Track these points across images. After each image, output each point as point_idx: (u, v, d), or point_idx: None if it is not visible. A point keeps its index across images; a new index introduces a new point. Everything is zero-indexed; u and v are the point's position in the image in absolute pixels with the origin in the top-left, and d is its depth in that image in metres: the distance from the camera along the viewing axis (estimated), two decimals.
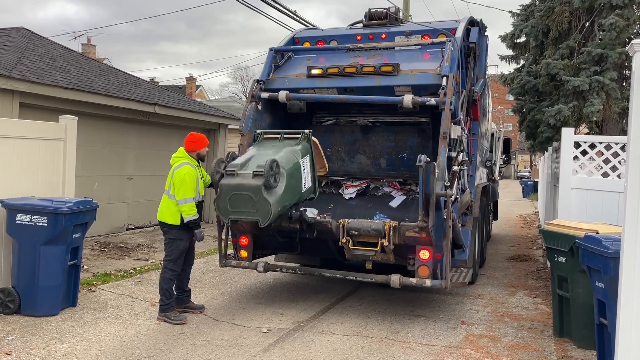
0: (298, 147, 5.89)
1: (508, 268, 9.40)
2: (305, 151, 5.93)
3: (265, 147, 5.94)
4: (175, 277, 5.84)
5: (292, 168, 5.62)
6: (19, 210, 5.66)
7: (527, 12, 16.97)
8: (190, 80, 41.74)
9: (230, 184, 5.38)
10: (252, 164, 5.53)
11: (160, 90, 14.03)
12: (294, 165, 5.68)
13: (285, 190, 5.44)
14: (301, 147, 5.92)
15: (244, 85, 58.72)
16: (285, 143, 5.97)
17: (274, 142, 6.04)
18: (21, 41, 11.01)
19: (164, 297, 5.76)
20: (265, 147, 5.95)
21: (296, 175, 5.69)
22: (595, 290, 4.56)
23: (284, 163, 5.52)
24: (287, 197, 5.52)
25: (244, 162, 5.57)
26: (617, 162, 7.04)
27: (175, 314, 5.77)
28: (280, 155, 5.62)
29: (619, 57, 13.88)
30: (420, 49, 6.86)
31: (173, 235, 5.79)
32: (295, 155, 5.79)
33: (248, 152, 5.94)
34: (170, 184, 5.80)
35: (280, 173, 5.41)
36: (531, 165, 62.22)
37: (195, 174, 5.83)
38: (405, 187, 7.32)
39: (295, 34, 7.97)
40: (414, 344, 5.31)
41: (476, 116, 7.55)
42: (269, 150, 5.80)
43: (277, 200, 5.34)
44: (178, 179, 5.71)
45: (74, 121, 6.92)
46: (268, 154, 5.62)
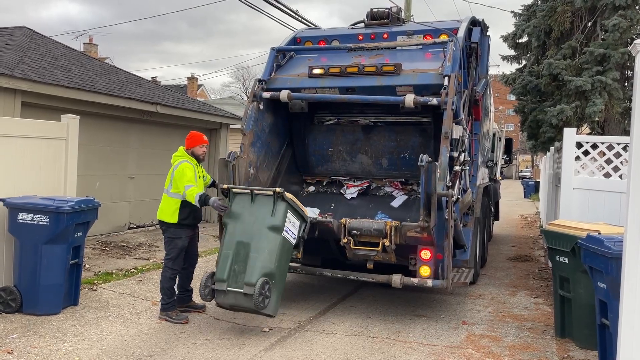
0: (278, 215, 5.37)
1: (509, 268, 9.39)
2: (284, 213, 5.40)
3: (242, 222, 5.43)
4: (176, 276, 5.84)
5: (281, 250, 5.36)
6: (20, 209, 5.66)
7: (529, 12, 16.98)
8: (191, 79, 41.73)
9: (226, 303, 5.31)
10: (238, 271, 5.21)
11: (162, 90, 14.04)
12: (281, 246, 5.35)
13: (281, 274, 5.40)
14: (281, 211, 5.39)
15: (245, 84, 58.79)
16: (260, 206, 5.43)
17: (246, 203, 5.50)
18: (23, 40, 11.01)
19: (165, 296, 5.77)
20: (241, 222, 5.44)
21: (286, 254, 5.46)
22: (597, 291, 4.56)
23: (274, 257, 5.26)
24: (284, 272, 5.50)
25: (229, 271, 5.24)
26: (619, 163, 7.03)
27: (177, 313, 5.77)
28: (266, 247, 5.25)
29: (622, 58, 13.88)
30: (422, 48, 6.86)
31: (171, 234, 5.80)
32: (276, 230, 5.33)
33: (226, 239, 5.44)
34: (169, 183, 5.81)
35: (274, 285, 5.23)
36: (532, 165, 62.15)
37: (193, 169, 5.82)
38: (407, 187, 7.33)
39: (297, 34, 7.96)
40: (415, 343, 5.31)
41: (478, 116, 7.55)
42: (248, 230, 5.35)
43: (279, 291, 5.37)
44: (178, 174, 5.72)
45: (76, 120, 6.93)
46: (248, 241, 5.28)
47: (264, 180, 6.91)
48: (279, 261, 5.33)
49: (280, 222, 5.36)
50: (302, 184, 7.78)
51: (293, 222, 5.51)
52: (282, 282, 5.47)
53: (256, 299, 5.04)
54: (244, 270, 5.21)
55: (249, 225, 5.39)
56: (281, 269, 5.40)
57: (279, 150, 7.35)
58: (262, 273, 5.17)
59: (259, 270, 5.18)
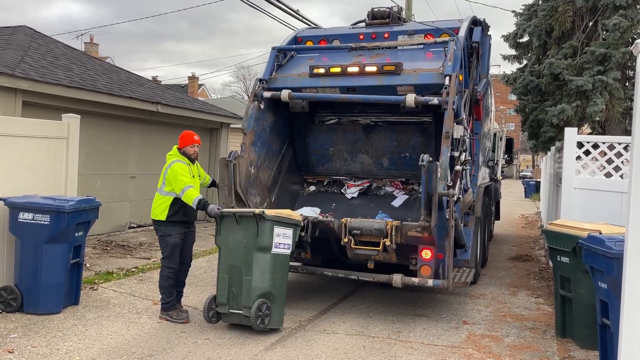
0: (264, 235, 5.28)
1: (510, 268, 9.39)
2: (269, 231, 5.29)
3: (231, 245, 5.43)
4: (173, 274, 5.79)
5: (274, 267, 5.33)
6: (21, 208, 5.67)
7: (530, 12, 16.96)
8: (192, 79, 41.73)
9: (233, 322, 5.44)
10: (237, 293, 5.27)
11: (162, 89, 14.05)
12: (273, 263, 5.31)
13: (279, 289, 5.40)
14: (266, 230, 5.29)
15: (246, 84, 58.82)
16: (245, 227, 5.35)
17: (233, 225, 5.43)
18: (24, 40, 11.02)
19: (164, 295, 5.77)
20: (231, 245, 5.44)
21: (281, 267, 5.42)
22: (598, 291, 4.55)
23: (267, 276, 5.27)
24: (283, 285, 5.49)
25: (228, 294, 5.34)
26: (620, 162, 7.02)
27: (177, 312, 5.77)
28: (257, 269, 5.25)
29: (623, 57, 13.87)
30: (423, 48, 6.85)
31: (162, 232, 5.80)
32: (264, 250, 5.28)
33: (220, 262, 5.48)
34: (162, 181, 5.82)
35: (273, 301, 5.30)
36: (533, 165, 62.13)
37: (187, 168, 5.79)
38: (408, 186, 7.32)
39: (298, 33, 7.96)
40: (415, 343, 5.31)
41: (479, 116, 7.54)
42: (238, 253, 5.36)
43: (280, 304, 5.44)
44: (171, 174, 5.71)
45: (77, 120, 6.93)
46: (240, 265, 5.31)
47: (265, 179, 6.92)
48: (273, 279, 5.33)
49: (268, 242, 5.29)
50: (303, 184, 7.78)
51: (283, 234, 5.43)
52: (282, 294, 5.47)
53: (253, 322, 5.15)
54: (241, 293, 5.30)
55: (238, 248, 5.37)
56: (278, 284, 5.41)
57: (280, 150, 7.35)
58: (257, 295, 5.23)
59: (254, 292, 5.23)
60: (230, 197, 6.15)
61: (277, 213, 5.47)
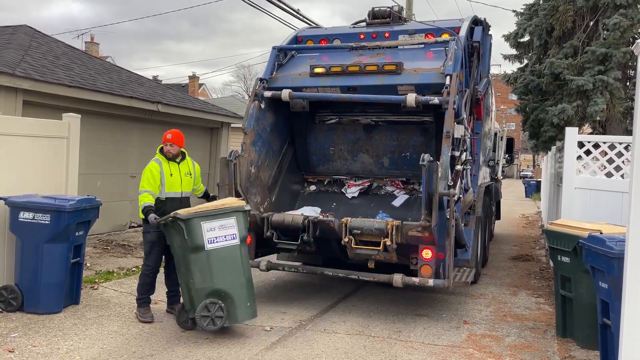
0: (191, 235, 5.15)
1: (511, 268, 9.38)
2: (194, 229, 5.13)
3: (175, 250, 5.39)
4: (151, 272, 5.72)
5: (214, 263, 5.13)
6: (22, 207, 5.66)
7: (531, 11, 16.95)
8: (193, 78, 41.72)
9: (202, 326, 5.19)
10: (195, 297, 5.17)
11: (163, 89, 14.05)
12: (209, 260, 5.12)
13: (230, 285, 5.15)
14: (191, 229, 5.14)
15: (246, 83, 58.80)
16: (176, 231, 5.23)
17: (171, 231, 5.31)
18: (24, 39, 11.02)
19: (138, 292, 5.78)
20: (175, 250, 5.39)
21: (224, 262, 5.19)
22: (598, 291, 4.55)
23: (207, 276, 5.12)
24: (237, 277, 5.23)
25: (189, 299, 5.27)
26: (621, 162, 7.02)
27: (145, 311, 5.72)
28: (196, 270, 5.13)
29: (623, 57, 13.86)
30: (424, 47, 6.85)
31: (143, 229, 5.81)
32: (197, 250, 5.14)
33: (177, 273, 5.47)
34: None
35: (226, 298, 5.09)
36: (534, 164, 62.12)
37: (159, 169, 5.74)
38: (408, 186, 7.32)
39: (298, 33, 7.96)
40: (416, 343, 5.31)
41: (479, 115, 7.53)
42: (179, 259, 5.32)
43: (242, 297, 5.20)
44: (142, 173, 5.79)
45: (77, 119, 6.93)
46: (183, 269, 5.26)
47: (265, 179, 6.92)
48: (218, 276, 5.14)
49: (198, 240, 5.10)
50: (303, 183, 7.78)
51: (219, 226, 5.17)
52: (240, 287, 5.20)
53: (200, 324, 5.02)
54: (192, 296, 5.21)
55: (178, 252, 5.30)
56: (228, 279, 5.16)
57: (280, 150, 7.35)
58: (204, 295, 5.09)
59: (200, 294, 5.11)
60: (231, 197, 6.14)
61: (198, 209, 5.25)
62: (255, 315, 5.39)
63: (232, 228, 5.25)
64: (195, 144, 13.29)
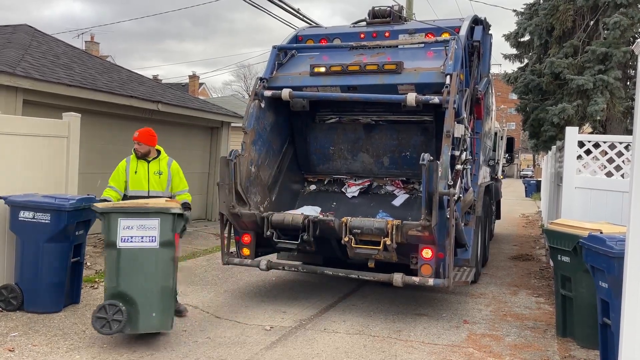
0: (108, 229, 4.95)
1: (511, 267, 9.38)
2: (110, 224, 4.92)
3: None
4: None
5: (125, 262, 4.87)
6: (22, 207, 5.66)
7: (531, 11, 16.94)
8: (193, 78, 41.74)
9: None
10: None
11: (163, 88, 14.04)
12: (119, 259, 4.87)
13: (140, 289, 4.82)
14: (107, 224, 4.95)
15: (246, 83, 58.78)
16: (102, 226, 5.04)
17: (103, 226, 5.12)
18: (25, 38, 11.01)
19: None
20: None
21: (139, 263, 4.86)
22: (598, 290, 4.55)
23: (114, 275, 4.87)
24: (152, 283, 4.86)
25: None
26: (621, 162, 7.02)
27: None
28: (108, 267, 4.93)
29: (624, 56, 13.86)
30: (424, 47, 6.85)
31: None
32: (111, 246, 4.92)
33: None
34: None
35: (130, 302, 4.78)
36: (534, 164, 62.11)
37: (124, 166, 5.83)
38: (408, 185, 7.32)
39: (299, 32, 7.95)
40: (416, 342, 5.31)
41: (480, 115, 7.53)
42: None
43: (155, 306, 4.88)
44: None
45: (77, 118, 6.93)
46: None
47: (265, 178, 6.91)
48: (125, 278, 4.83)
49: (112, 236, 4.86)
50: (304, 183, 7.78)
51: (138, 226, 4.85)
52: (150, 295, 4.83)
53: (94, 325, 4.73)
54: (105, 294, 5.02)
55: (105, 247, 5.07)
56: (135, 284, 4.82)
57: (281, 149, 7.35)
58: (107, 295, 4.88)
59: (106, 293, 4.92)
60: (231, 196, 6.15)
61: (127, 204, 5.08)
62: (162, 328, 4.95)
63: (152, 230, 4.87)
64: (196, 143, 13.29)
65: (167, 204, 5.06)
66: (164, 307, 4.91)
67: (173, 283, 5.07)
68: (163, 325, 4.93)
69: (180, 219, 5.04)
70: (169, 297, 5.00)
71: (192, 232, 11.42)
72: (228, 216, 6.27)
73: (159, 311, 4.86)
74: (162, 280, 4.91)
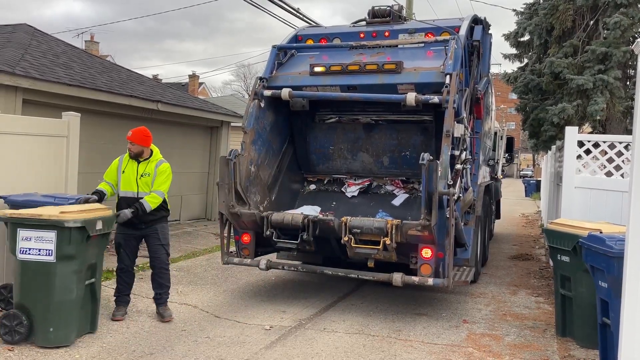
0: (9, 239, 4.76)
1: (510, 267, 9.39)
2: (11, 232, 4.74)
3: None
4: (120, 271, 5.73)
5: (24, 274, 4.73)
6: (21, 206, 5.63)
7: (531, 11, 16.92)
8: (193, 77, 41.73)
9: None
10: None
11: (163, 88, 14.03)
12: (22, 269, 4.72)
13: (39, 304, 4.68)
14: (9, 234, 4.79)
15: (246, 82, 58.74)
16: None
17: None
18: (24, 38, 11.00)
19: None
20: None
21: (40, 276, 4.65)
22: (598, 290, 4.55)
23: (18, 285, 4.72)
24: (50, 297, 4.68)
25: None
26: (621, 162, 7.02)
27: (117, 309, 5.74)
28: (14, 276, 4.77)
29: (624, 56, 13.84)
30: (424, 47, 6.85)
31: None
32: (13, 253, 4.74)
33: None
34: None
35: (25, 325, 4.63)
36: (534, 164, 62.12)
37: (117, 163, 5.80)
38: (408, 185, 7.32)
39: (298, 32, 7.95)
40: (416, 342, 5.31)
41: (479, 115, 7.53)
42: None
43: (46, 317, 4.70)
44: None
45: (77, 118, 6.93)
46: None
47: (265, 178, 6.91)
48: (24, 290, 4.70)
49: (12, 247, 4.72)
50: (303, 182, 7.78)
51: (36, 237, 4.62)
52: (46, 310, 4.66)
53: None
54: None
55: None
56: (33, 297, 4.66)
57: (280, 149, 7.34)
58: (15, 304, 4.78)
59: (14, 301, 4.80)
60: (231, 196, 6.15)
61: (23, 214, 4.75)
62: (61, 343, 4.74)
63: (49, 243, 4.63)
64: (195, 142, 13.29)
65: (63, 216, 4.70)
66: (64, 322, 4.75)
67: (78, 295, 4.85)
68: (61, 340, 4.75)
69: (83, 232, 4.75)
70: (70, 312, 4.79)
71: (192, 231, 11.42)
72: (228, 216, 6.27)
73: (56, 326, 4.72)
74: (60, 295, 4.73)
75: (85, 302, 4.99)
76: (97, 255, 5.14)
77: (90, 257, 4.99)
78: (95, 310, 5.18)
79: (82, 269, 4.89)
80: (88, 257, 4.95)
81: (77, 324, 4.91)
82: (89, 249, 4.94)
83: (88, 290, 5.03)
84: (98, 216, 4.99)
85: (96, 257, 5.13)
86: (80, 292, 4.88)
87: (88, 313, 5.08)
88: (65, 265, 4.73)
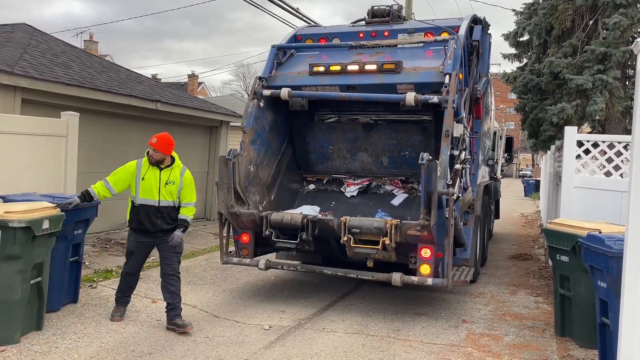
0: None
1: (510, 267, 9.39)
2: None
3: None
4: (126, 275, 5.63)
5: None
6: None
7: (531, 11, 16.93)
8: (192, 77, 41.72)
9: None
10: None
11: (162, 87, 14.03)
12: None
13: None
14: None
15: (246, 82, 58.74)
16: None
17: None
18: (23, 37, 11.00)
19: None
20: None
21: None
22: (597, 290, 4.55)
23: None
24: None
25: None
26: (620, 161, 7.03)
27: (116, 309, 5.70)
28: None
29: (623, 56, 13.85)
30: (423, 46, 6.85)
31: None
32: None
33: None
34: None
35: None
36: (533, 164, 62.15)
37: (134, 167, 5.46)
38: (407, 185, 7.32)
39: (298, 31, 7.94)
40: (415, 342, 5.30)
41: (479, 114, 7.54)
42: None
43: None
44: None
45: (76, 117, 6.93)
46: None
47: (264, 178, 6.91)
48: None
49: None
50: (303, 182, 7.78)
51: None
52: None
53: None
54: None
55: None
56: None
57: (280, 148, 7.34)
58: None
59: None
60: (230, 196, 6.14)
61: None
62: (6, 342, 4.72)
63: None
64: (195, 142, 13.28)
65: (7, 216, 4.65)
66: (8, 322, 4.73)
67: (23, 295, 4.80)
68: (7, 340, 4.72)
69: (28, 231, 4.67)
70: (14, 312, 4.76)
71: (191, 231, 11.41)
72: (227, 216, 6.27)
73: (0, 326, 4.69)
74: (3, 295, 4.69)
75: (31, 301, 4.95)
76: (44, 254, 5.07)
77: (36, 256, 4.93)
78: (42, 309, 5.12)
79: (28, 268, 4.82)
80: (34, 256, 4.89)
81: (22, 324, 4.88)
82: (35, 249, 4.88)
83: (34, 289, 4.98)
84: (44, 215, 4.92)
85: (43, 256, 5.06)
86: (25, 292, 4.82)
87: (34, 312, 5.05)
88: (9, 265, 4.69)
